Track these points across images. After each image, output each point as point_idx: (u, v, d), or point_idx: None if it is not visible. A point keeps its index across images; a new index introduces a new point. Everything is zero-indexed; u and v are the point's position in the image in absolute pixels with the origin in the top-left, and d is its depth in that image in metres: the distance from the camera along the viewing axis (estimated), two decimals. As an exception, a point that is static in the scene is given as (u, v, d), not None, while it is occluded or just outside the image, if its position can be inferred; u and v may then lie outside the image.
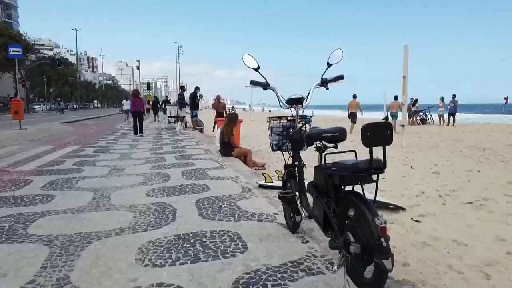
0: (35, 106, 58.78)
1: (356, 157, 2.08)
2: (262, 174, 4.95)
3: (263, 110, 79.88)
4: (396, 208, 4.59)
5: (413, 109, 22.97)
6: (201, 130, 15.33)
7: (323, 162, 2.15)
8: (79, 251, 2.64)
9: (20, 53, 18.78)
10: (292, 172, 2.86)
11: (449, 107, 21.48)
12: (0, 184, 4.90)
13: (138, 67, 47.96)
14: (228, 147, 7.62)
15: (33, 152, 8.25)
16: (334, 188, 2.09)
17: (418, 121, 23.73)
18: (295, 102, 2.80)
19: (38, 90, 68.87)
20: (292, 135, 2.77)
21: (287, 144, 2.92)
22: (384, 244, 1.69)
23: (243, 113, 42.66)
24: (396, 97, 16.69)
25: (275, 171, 4.82)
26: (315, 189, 2.33)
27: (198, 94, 16.62)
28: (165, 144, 10.03)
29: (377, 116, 19.71)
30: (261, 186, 4.67)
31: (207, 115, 24.09)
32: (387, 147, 1.85)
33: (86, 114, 37.97)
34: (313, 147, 2.49)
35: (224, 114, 14.02)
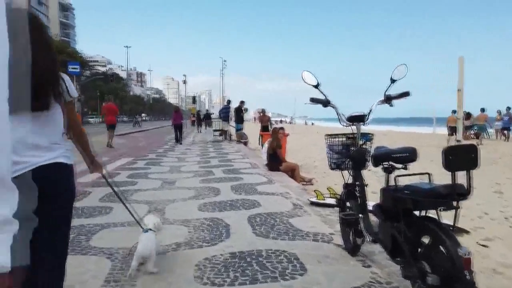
0: (89, 119, 62.17)
1: (429, 180, 1.95)
2: (314, 191, 4.84)
3: (306, 123, 79.47)
4: (460, 231, 4.28)
5: (466, 123, 21.85)
6: (245, 143, 15.43)
7: (392, 183, 2.04)
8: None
9: (78, 70, 20.12)
10: (352, 192, 2.75)
11: (503, 120, 20.45)
12: (62, 195, 5.15)
13: (184, 82, 49.66)
14: (275, 161, 7.57)
15: (89, 163, 8.64)
16: (405, 212, 1.97)
17: (472, 136, 22.47)
18: (356, 119, 2.71)
19: (91, 104, 73.00)
20: (353, 154, 2.68)
21: (347, 162, 2.82)
22: (468, 277, 1.55)
23: (284, 126, 42.50)
24: (482, 109, 17.44)
25: (327, 188, 4.70)
26: (382, 211, 2.21)
27: (243, 108, 16.83)
28: (212, 158, 10.16)
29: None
30: (312, 203, 4.56)
31: (249, 128, 24.23)
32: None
33: (135, 127, 39.50)
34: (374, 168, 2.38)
35: (269, 128, 14.02)
